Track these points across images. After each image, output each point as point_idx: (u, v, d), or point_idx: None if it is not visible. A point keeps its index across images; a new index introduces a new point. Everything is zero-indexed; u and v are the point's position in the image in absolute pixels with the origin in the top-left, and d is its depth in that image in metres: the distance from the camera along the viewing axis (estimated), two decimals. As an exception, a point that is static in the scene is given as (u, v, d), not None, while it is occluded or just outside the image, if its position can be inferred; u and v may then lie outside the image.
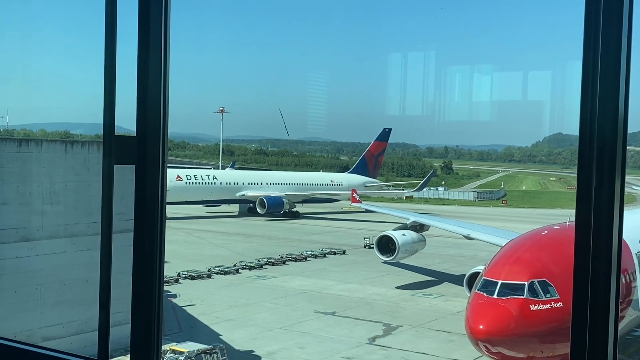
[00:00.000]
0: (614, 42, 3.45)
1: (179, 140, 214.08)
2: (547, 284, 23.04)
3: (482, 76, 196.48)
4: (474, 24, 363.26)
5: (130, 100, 4.72)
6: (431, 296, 44.74)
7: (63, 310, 26.58)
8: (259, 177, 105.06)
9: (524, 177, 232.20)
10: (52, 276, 26.47)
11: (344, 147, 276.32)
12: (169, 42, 4.64)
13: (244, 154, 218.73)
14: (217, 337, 33.05)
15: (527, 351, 22.97)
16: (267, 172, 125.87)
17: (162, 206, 4.67)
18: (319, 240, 71.09)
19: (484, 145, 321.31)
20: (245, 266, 53.30)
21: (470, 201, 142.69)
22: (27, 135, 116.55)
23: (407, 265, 53.59)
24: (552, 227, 29.72)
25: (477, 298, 23.40)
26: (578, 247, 3.53)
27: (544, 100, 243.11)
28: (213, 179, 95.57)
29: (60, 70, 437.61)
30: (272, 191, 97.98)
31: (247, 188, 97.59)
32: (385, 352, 32.07)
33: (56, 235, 26.80)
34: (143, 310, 4.69)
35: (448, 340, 34.23)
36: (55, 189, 27.12)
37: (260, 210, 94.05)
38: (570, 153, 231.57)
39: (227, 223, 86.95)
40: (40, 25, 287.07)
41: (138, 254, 4.68)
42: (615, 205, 3.47)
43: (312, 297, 43.47)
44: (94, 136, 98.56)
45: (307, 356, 31.15)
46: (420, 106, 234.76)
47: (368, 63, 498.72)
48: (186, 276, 47.96)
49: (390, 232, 49.57)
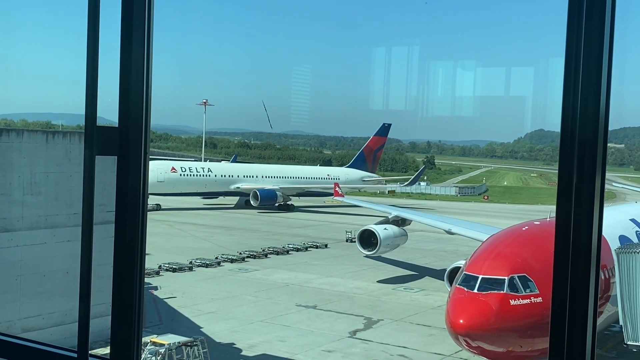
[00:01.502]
0: (596, 39, 3.47)
1: (162, 132, 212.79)
2: (527, 279, 23.23)
3: (465, 72, 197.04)
4: (458, 19, 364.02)
5: (112, 91, 4.68)
6: (412, 290, 44.94)
7: (43, 302, 26.41)
8: (255, 170, 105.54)
9: (505, 172, 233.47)
10: (32, 267, 26.28)
11: (327, 141, 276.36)
12: (152, 33, 4.61)
13: (227, 146, 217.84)
14: (198, 329, 32.99)
15: (507, 345, 23.15)
16: (263, 165, 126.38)
17: (144, 198, 4.65)
18: (301, 234, 71.11)
19: (467, 140, 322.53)
20: (227, 259, 53.24)
21: (452, 196, 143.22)
22: (7, 125, 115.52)
23: (388, 260, 53.76)
24: (532, 223, 29.94)
25: (457, 292, 23.54)
26: (558, 242, 3.56)
27: (526, 97, 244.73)
28: (208, 172, 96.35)
29: (42, 60, 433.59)
30: (267, 184, 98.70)
31: (242, 181, 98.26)
32: (366, 346, 32.19)
33: (36, 226, 26.59)
34: (123, 302, 4.67)
35: (428, 334, 34.41)
36: (36, 179, 26.90)
37: (254, 202, 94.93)
38: (551, 149, 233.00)
39: (209, 216, 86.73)
40: (21, 14, 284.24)
41: (119, 245, 4.65)
42: (596, 201, 3.50)
43: (293, 291, 43.51)
44: (76, 127, 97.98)
45: (288, 349, 31.20)
46: (404, 101, 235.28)
47: (352, 57, 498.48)
48: (167, 268, 47.82)
49: (372, 227, 49.71)
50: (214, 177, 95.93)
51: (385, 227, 49.67)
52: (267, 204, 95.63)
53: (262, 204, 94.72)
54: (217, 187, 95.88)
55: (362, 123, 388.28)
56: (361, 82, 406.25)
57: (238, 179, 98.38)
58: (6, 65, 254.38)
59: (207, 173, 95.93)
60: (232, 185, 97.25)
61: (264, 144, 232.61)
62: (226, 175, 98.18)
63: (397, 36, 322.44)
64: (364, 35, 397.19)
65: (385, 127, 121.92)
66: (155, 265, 47.19)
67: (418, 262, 55.46)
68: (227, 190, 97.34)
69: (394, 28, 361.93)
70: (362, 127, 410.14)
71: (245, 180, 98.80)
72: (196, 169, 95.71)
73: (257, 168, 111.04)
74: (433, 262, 55.55)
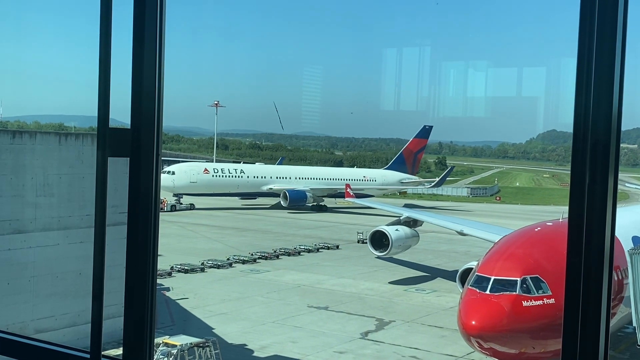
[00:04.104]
0: (608, 39, 3.46)
1: (173, 133, 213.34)
2: (539, 280, 23.12)
3: (477, 72, 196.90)
4: (469, 20, 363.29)
5: (125, 92, 4.71)
6: (424, 291, 44.83)
7: (56, 303, 26.54)
8: (287, 172, 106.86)
9: (517, 173, 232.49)
10: (44, 268, 26.41)
11: (338, 142, 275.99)
12: (164, 34, 4.63)
13: (238, 147, 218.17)
14: (209, 330, 33.06)
15: (519, 347, 23.06)
16: (297, 167, 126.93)
17: (156, 199, 4.67)
18: (312, 235, 71.10)
19: (478, 141, 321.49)
20: (239, 260, 53.31)
21: (464, 197, 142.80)
22: (20, 127, 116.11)
23: (400, 261, 53.66)
24: (545, 224, 29.81)
25: (469, 294, 23.46)
26: (571, 243, 3.54)
27: (538, 97, 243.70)
28: (240, 173, 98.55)
29: (55, 63, 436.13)
30: (299, 185, 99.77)
31: (274, 182, 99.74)
32: (377, 347, 32.14)
33: (49, 228, 26.73)
34: (136, 303, 4.69)
35: (440, 335, 34.32)
36: (48, 181, 27.04)
37: (284, 202, 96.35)
38: (564, 150, 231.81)
39: (221, 217, 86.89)
40: (34, 17, 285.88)
41: (131, 246, 4.67)
42: (608, 202, 3.48)
43: (305, 292, 43.50)
44: (88, 128, 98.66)
45: (300, 350, 31.19)
46: (415, 102, 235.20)
47: (363, 58, 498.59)
48: (179, 269, 47.93)
49: (384, 228, 49.61)
50: (246, 178, 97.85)
51: (396, 228, 49.56)
52: (297, 204, 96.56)
53: (291, 204, 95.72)
54: (249, 188, 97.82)
55: (373, 124, 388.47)
56: (372, 84, 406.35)
57: (271, 180, 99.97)
58: (19, 67, 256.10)
59: (240, 174, 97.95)
60: (265, 186, 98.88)
61: (275, 145, 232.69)
62: (258, 176, 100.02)
63: (408, 37, 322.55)
64: (375, 37, 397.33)
65: (425, 129, 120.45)
66: (167, 266, 47.30)
67: (430, 263, 55.32)
68: (259, 191, 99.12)
69: (405, 29, 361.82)
70: (373, 128, 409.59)
71: (278, 181, 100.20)
72: (228, 170, 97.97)
73: (290, 169, 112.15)
74: (445, 263, 55.39)
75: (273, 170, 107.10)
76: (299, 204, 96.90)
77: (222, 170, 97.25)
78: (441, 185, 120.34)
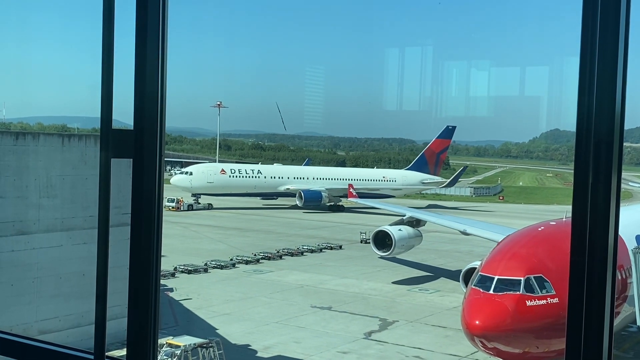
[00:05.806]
0: (611, 38, 3.45)
1: (176, 134, 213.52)
2: (543, 280, 23.10)
3: (479, 72, 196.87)
4: (472, 19, 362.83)
5: (128, 94, 4.71)
6: (427, 291, 44.81)
7: (59, 304, 26.57)
8: (305, 172, 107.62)
9: (520, 173, 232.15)
10: (48, 270, 26.45)
11: (340, 142, 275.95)
12: (166, 36, 4.63)
13: (241, 148, 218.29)
14: (213, 331, 33.09)
15: (523, 346, 23.04)
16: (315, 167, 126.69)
17: (159, 200, 4.67)
18: (315, 235, 71.10)
19: (481, 140, 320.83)
20: (242, 260, 53.35)
21: (467, 197, 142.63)
22: (24, 128, 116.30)
23: (403, 261, 53.65)
24: (548, 223, 29.78)
25: (473, 293, 23.45)
26: (574, 243, 3.54)
27: (541, 96, 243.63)
28: (257, 173, 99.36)
29: (58, 64, 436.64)
30: (316, 186, 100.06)
31: (291, 182, 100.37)
32: (381, 347, 32.14)
33: (53, 229, 26.76)
34: (140, 304, 4.69)
35: (444, 335, 34.31)
36: (52, 182, 27.08)
37: (299, 202, 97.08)
38: (567, 149, 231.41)
39: (224, 217, 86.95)
40: (37, 18, 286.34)
41: (135, 247, 4.67)
42: (612, 201, 3.48)
43: (308, 292, 43.52)
44: (91, 130, 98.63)
45: (303, 350, 31.20)
46: (417, 101, 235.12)
47: (365, 58, 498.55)
48: (183, 270, 47.98)
49: (387, 227, 49.60)
50: (263, 178, 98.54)
51: (399, 228, 49.55)
52: (312, 204, 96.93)
53: (306, 204, 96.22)
54: (266, 188, 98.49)
55: (375, 124, 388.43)
56: (375, 83, 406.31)
57: (288, 180, 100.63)
58: (22, 69, 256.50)
59: (257, 175, 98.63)
60: (281, 186, 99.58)
61: (278, 146, 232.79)
62: (275, 177, 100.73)
63: (410, 37, 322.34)
64: (377, 37, 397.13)
65: (449, 130, 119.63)
66: (170, 267, 47.36)
67: (433, 263, 55.30)
68: (276, 191, 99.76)
69: (408, 29, 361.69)
70: (376, 128, 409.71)
71: (295, 181, 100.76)
72: (245, 171, 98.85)
73: (308, 170, 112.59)
74: (448, 263, 55.36)
75: (290, 171, 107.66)
76: (314, 204, 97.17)
77: (239, 170, 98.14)
78: (454, 185, 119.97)
